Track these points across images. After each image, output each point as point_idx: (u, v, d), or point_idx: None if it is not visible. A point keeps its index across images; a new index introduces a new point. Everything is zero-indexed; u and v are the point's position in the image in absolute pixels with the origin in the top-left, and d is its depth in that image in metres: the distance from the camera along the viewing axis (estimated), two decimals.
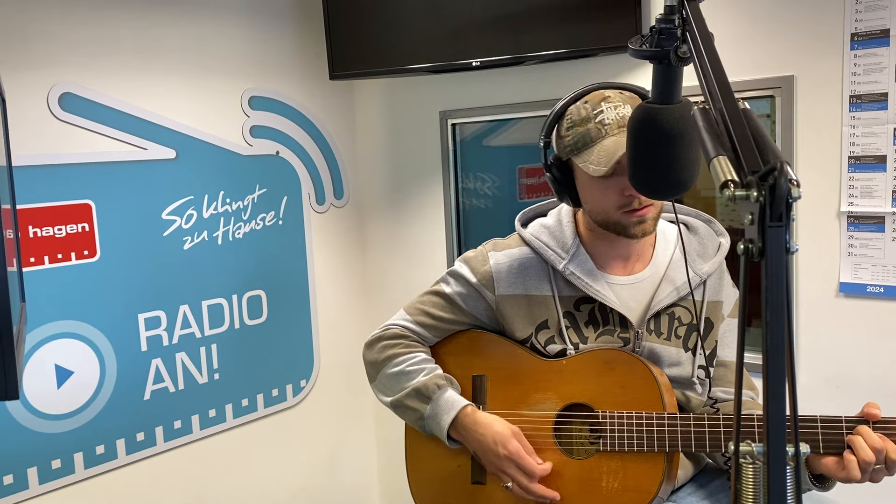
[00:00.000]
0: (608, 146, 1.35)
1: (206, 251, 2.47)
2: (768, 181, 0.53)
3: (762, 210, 0.52)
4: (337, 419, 2.94)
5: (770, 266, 0.52)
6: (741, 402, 0.60)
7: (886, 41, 1.86)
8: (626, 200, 1.38)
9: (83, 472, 2.20)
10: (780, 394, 0.53)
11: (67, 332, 2.14)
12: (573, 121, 1.41)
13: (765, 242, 0.52)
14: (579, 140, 1.39)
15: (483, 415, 1.47)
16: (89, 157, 2.17)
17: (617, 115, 1.37)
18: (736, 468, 0.58)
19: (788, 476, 0.54)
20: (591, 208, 1.45)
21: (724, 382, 1.50)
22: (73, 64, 2.14)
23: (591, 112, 1.39)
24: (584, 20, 2.24)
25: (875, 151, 1.90)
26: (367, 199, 2.99)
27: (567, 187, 1.47)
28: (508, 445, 1.41)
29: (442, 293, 1.59)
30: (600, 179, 1.38)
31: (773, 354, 0.53)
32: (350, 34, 2.56)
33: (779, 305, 0.53)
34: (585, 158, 1.38)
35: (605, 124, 1.37)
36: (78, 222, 2.15)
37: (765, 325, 0.53)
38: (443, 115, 2.72)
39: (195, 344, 2.45)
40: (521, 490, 1.41)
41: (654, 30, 0.93)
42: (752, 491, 0.57)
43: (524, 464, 1.40)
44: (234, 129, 2.54)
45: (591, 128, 1.38)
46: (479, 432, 1.44)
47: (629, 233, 1.41)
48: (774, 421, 0.53)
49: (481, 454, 1.46)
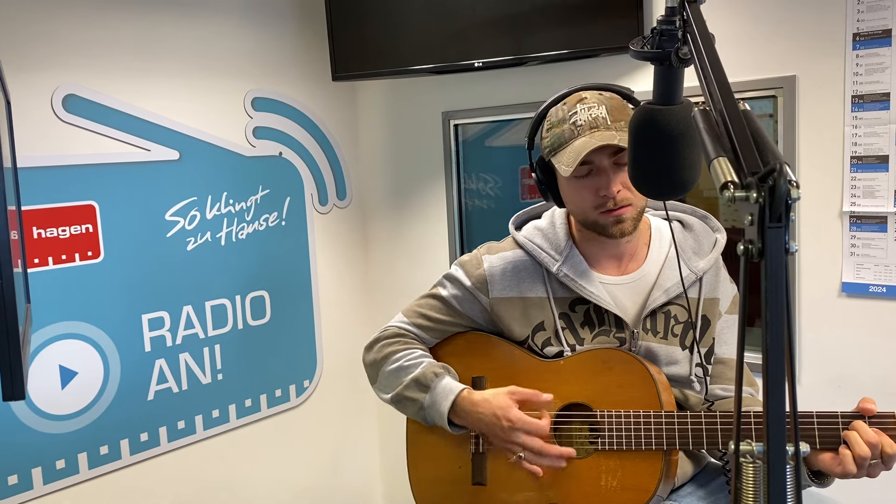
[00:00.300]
0: (577, 147, 1.37)
1: (210, 252, 2.47)
2: (768, 182, 0.53)
3: (762, 211, 0.53)
4: (340, 419, 2.94)
5: (770, 267, 0.52)
6: (741, 400, 0.61)
7: (888, 41, 1.86)
8: (601, 200, 1.40)
9: (87, 472, 2.20)
10: (780, 393, 0.53)
11: (71, 333, 2.15)
12: (552, 122, 1.45)
13: (764, 243, 0.53)
14: (555, 141, 1.43)
15: (480, 393, 1.48)
16: (93, 158, 2.18)
17: (589, 116, 1.39)
18: (736, 467, 0.58)
19: (788, 475, 0.54)
20: (571, 209, 1.49)
21: (723, 380, 1.50)
22: (77, 66, 2.15)
23: (567, 113, 1.42)
24: (585, 21, 2.24)
25: (877, 151, 1.90)
26: (370, 200, 3.00)
27: (550, 188, 1.50)
28: (510, 415, 1.41)
29: (438, 296, 1.60)
30: (575, 179, 1.42)
31: (772, 354, 0.54)
32: (352, 35, 2.56)
33: (778, 306, 0.53)
34: (559, 159, 1.41)
35: (578, 125, 1.40)
36: (82, 223, 2.16)
37: (764, 325, 0.54)
38: (445, 115, 2.72)
39: (199, 344, 2.45)
40: (534, 455, 1.40)
41: (655, 31, 0.93)
42: (753, 490, 0.57)
43: (530, 426, 1.40)
44: (237, 131, 2.55)
45: (565, 129, 1.41)
46: (478, 411, 1.45)
47: (608, 232, 1.42)
48: (775, 420, 0.53)
49: (486, 431, 1.46)
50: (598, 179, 1.39)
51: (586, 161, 1.37)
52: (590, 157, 1.37)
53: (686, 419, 1.34)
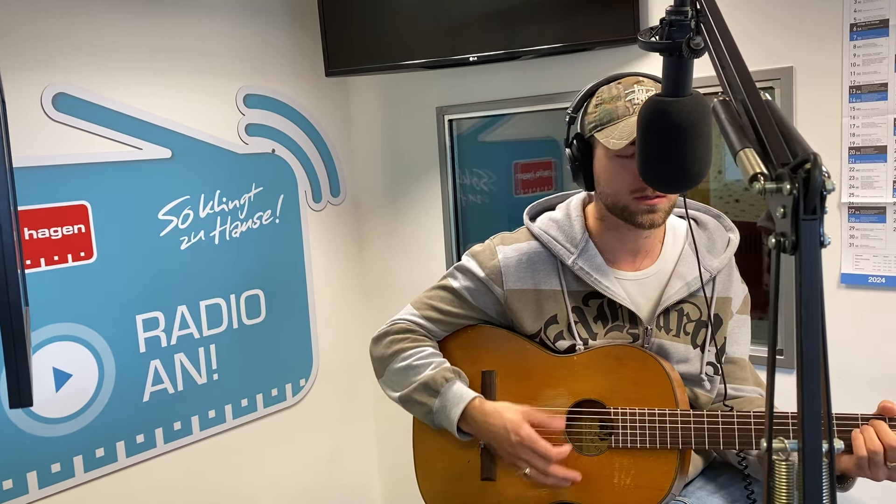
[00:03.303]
0: (633, 123, 1.33)
1: (204, 251, 2.45)
2: (801, 173, 0.52)
3: (795, 203, 0.51)
4: (337, 418, 2.92)
5: (804, 260, 0.51)
6: (773, 397, 0.59)
7: (886, 31, 1.86)
8: (641, 185, 1.35)
9: (83, 475, 2.18)
10: (816, 390, 0.52)
11: (65, 335, 2.12)
12: (603, 98, 1.41)
13: (798, 236, 0.52)
14: (605, 116, 1.38)
15: (492, 404, 1.45)
16: (84, 157, 2.15)
17: (647, 97, 1.36)
18: (769, 466, 0.57)
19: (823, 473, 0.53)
20: (604, 189, 1.42)
21: (733, 379, 1.49)
22: (67, 64, 2.12)
23: (623, 91, 1.39)
24: (580, 14, 2.23)
25: (875, 142, 1.89)
26: (364, 197, 2.98)
27: (583, 166, 1.45)
28: (521, 431, 1.39)
29: (450, 287, 1.57)
30: (619, 159, 1.37)
31: (807, 350, 0.52)
32: (345, 31, 2.54)
33: (814, 300, 0.52)
34: (608, 133, 1.36)
35: (635, 103, 1.36)
36: (74, 224, 2.13)
37: (798, 320, 0.52)
38: (439, 110, 2.70)
39: (194, 344, 2.43)
40: (540, 475, 1.39)
41: (665, 22, 0.92)
42: (786, 489, 0.56)
43: (539, 448, 1.37)
44: (229, 128, 2.52)
45: (619, 105, 1.37)
46: (489, 422, 1.43)
47: (637, 220, 1.38)
48: (810, 417, 0.52)
49: (494, 444, 1.44)
50: None
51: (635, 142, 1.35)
52: None
53: (703, 419, 1.32)
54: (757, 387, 1.51)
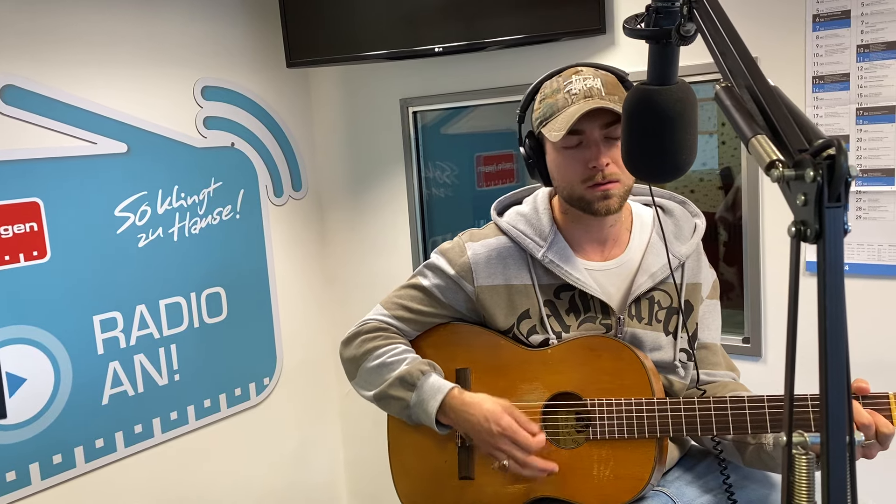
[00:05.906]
0: (570, 112, 1.35)
1: (162, 248, 2.37)
2: (823, 159, 0.50)
3: (819, 190, 0.50)
4: (302, 415, 2.88)
5: (829, 249, 0.50)
6: (793, 391, 0.58)
7: (847, 22, 1.89)
8: (590, 173, 1.37)
9: (40, 483, 2.09)
10: (840, 381, 0.51)
11: (18, 338, 2.03)
12: (545, 93, 1.43)
13: (822, 224, 0.50)
14: (547, 110, 1.40)
15: (471, 395, 1.43)
16: (36, 152, 2.06)
17: (584, 86, 1.38)
18: (788, 459, 0.56)
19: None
20: (558, 182, 1.44)
21: (706, 364, 1.50)
22: (16, 56, 2.02)
23: (562, 84, 1.40)
24: (545, 5, 2.21)
25: (838, 131, 1.92)
26: (327, 191, 2.93)
27: (538, 163, 1.46)
28: (501, 421, 1.37)
29: (420, 286, 1.55)
30: (566, 150, 1.39)
31: (831, 340, 0.51)
32: (307, 20, 2.48)
33: (837, 290, 0.50)
34: (550, 127, 1.38)
35: (572, 94, 1.38)
36: (26, 221, 2.04)
37: (821, 309, 0.51)
38: (403, 102, 2.66)
39: (154, 345, 2.36)
40: (518, 466, 1.37)
41: (651, 9, 0.90)
42: (807, 483, 0.55)
43: (519, 438, 1.36)
44: (187, 121, 2.45)
45: (559, 98, 1.39)
46: (468, 412, 1.41)
47: (593, 208, 1.39)
48: (834, 410, 0.51)
49: (473, 435, 1.42)
50: (588, 151, 1.37)
51: (577, 131, 1.35)
52: (581, 127, 1.34)
53: (679, 405, 1.33)
54: (729, 371, 1.52)
